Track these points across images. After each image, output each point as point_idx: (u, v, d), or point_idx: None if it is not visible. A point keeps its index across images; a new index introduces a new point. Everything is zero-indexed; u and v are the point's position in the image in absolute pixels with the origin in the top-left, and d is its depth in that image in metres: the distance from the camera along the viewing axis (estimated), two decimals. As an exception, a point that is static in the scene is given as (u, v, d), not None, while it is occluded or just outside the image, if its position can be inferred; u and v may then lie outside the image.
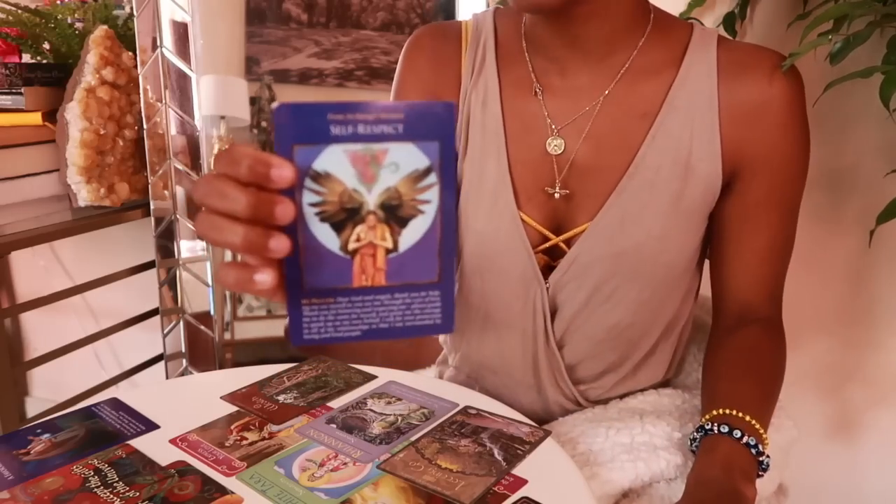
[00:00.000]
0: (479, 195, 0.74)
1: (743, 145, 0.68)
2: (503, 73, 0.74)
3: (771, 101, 0.67)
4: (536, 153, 0.72)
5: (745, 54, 0.69)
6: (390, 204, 0.42)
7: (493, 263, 0.74)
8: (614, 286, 0.71)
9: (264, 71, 1.34)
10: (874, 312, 1.26)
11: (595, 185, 0.70)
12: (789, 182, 0.71)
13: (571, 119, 0.71)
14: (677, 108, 0.68)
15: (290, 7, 1.33)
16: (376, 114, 0.41)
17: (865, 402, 1.31)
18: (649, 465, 0.67)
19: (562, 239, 0.72)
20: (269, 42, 1.33)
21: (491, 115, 0.73)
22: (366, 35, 1.35)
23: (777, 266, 0.75)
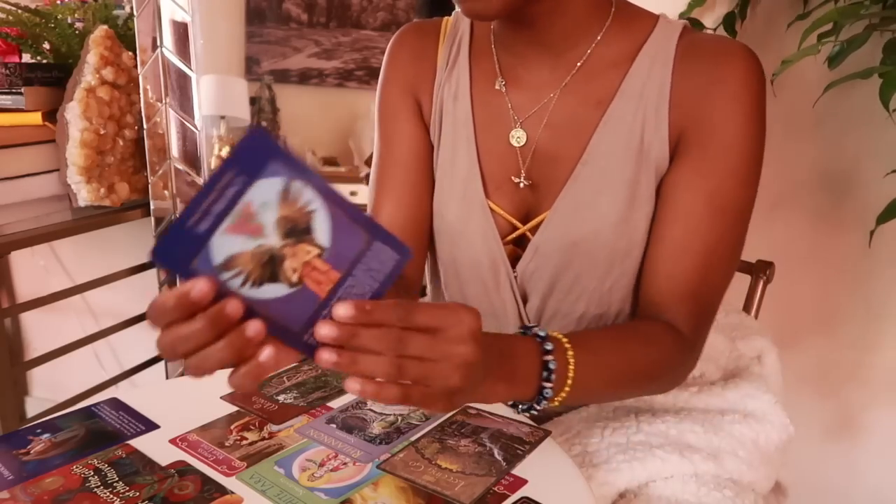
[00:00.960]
0: (452, 184, 0.76)
1: (684, 126, 0.67)
2: (474, 67, 0.76)
3: (717, 81, 0.65)
4: (502, 145, 0.74)
5: (705, 43, 0.68)
6: (289, 229, 0.46)
7: (466, 251, 0.76)
8: (574, 274, 0.71)
9: (264, 71, 1.34)
10: (874, 312, 1.26)
11: (555, 173, 0.71)
12: (726, 174, 0.66)
13: (532, 111, 0.72)
14: (630, 96, 0.68)
15: (290, 7, 1.33)
16: (217, 188, 0.44)
17: (865, 402, 1.31)
18: (645, 465, 0.67)
19: (527, 228, 0.73)
20: (269, 42, 1.33)
21: (461, 108, 0.76)
22: (366, 35, 1.35)
23: (701, 267, 0.67)
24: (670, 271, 0.67)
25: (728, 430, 0.72)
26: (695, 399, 0.76)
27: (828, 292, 1.28)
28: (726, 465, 0.69)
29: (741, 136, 0.66)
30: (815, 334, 1.31)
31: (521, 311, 0.75)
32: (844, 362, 1.30)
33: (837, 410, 1.33)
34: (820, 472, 1.34)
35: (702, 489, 0.67)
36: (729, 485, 0.69)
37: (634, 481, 0.67)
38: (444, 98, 0.77)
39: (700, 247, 0.67)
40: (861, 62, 1.01)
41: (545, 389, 0.57)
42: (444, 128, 0.77)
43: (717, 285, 0.69)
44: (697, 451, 0.69)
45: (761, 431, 0.74)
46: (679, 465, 0.68)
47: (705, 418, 0.73)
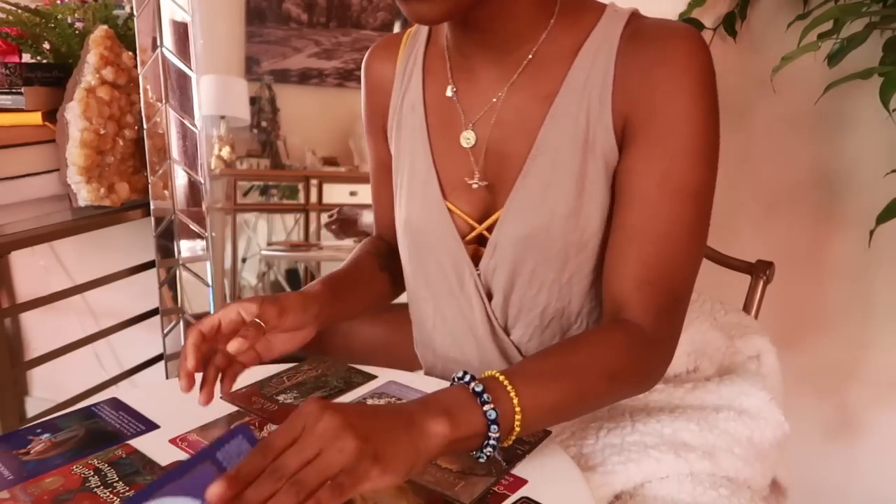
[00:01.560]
0: (412, 189, 0.79)
1: (628, 111, 0.66)
2: (428, 74, 0.78)
3: (658, 63, 0.64)
4: (456, 147, 0.75)
5: (648, 28, 0.67)
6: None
7: (429, 254, 0.78)
8: (531, 268, 0.72)
9: (264, 71, 1.34)
10: (874, 312, 1.26)
11: (507, 170, 0.72)
12: (677, 158, 0.64)
13: (482, 112, 0.73)
14: (574, 89, 0.68)
15: (290, 7, 1.33)
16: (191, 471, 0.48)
17: (865, 402, 1.31)
18: (640, 466, 0.67)
19: (484, 227, 0.75)
20: (269, 42, 1.33)
21: (417, 115, 0.78)
22: (366, 35, 1.35)
23: (655, 254, 0.64)
24: (627, 259, 0.65)
25: (723, 427, 0.72)
26: (690, 396, 0.76)
27: (828, 292, 1.28)
28: (722, 462, 0.69)
29: (687, 114, 0.64)
30: (815, 334, 1.31)
31: (488, 309, 0.76)
32: (844, 362, 1.30)
33: (837, 410, 1.33)
34: (819, 472, 1.34)
35: (697, 488, 0.66)
36: (725, 483, 0.68)
37: (630, 483, 0.67)
38: (403, 108, 0.80)
39: (655, 231, 0.64)
40: (861, 61, 1.01)
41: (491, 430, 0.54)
42: (403, 137, 0.80)
43: (680, 271, 0.65)
44: (693, 449, 0.69)
45: (755, 428, 0.74)
46: (674, 465, 0.67)
47: (700, 416, 0.73)
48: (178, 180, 1.36)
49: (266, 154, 1.37)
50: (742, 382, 0.77)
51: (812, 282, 1.29)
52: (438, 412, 0.52)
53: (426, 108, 0.78)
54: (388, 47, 0.84)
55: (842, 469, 1.35)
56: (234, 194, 1.37)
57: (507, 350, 0.77)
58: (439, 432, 0.51)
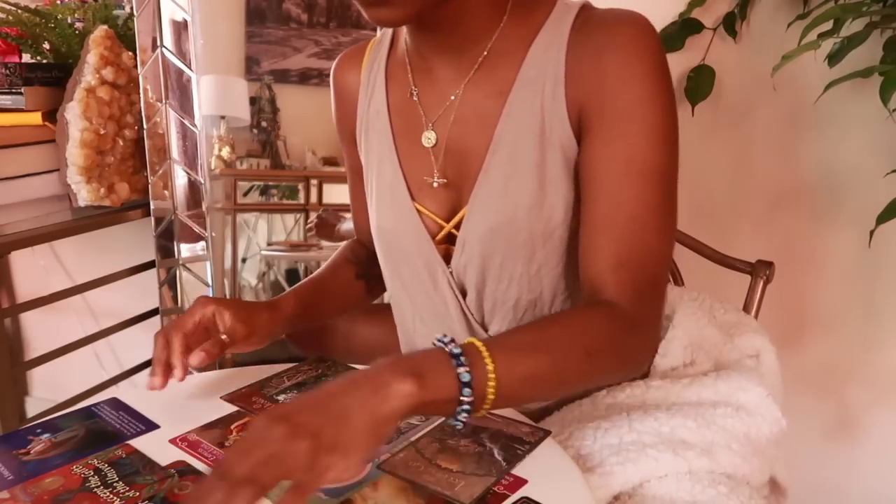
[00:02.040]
0: (381, 193, 0.80)
1: (582, 101, 0.67)
2: (391, 79, 0.80)
3: (605, 52, 0.65)
4: (419, 148, 0.77)
5: (595, 17, 0.68)
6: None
7: (403, 256, 0.80)
8: (499, 262, 0.73)
9: (264, 71, 1.34)
10: (874, 312, 1.26)
11: (468, 167, 0.74)
12: (638, 142, 0.64)
13: (441, 111, 0.75)
14: (528, 82, 0.70)
15: (290, 7, 1.33)
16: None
17: (865, 402, 1.31)
18: (638, 466, 0.66)
19: (451, 225, 0.76)
20: (269, 42, 1.33)
21: (382, 120, 0.80)
22: (366, 35, 1.35)
23: (627, 237, 0.64)
24: (598, 244, 0.65)
25: (721, 423, 0.72)
26: (686, 392, 0.76)
27: (828, 292, 1.28)
28: (720, 459, 0.69)
29: (640, 97, 0.64)
30: (815, 334, 1.31)
31: (463, 306, 0.78)
32: (844, 362, 1.30)
33: (837, 410, 1.33)
34: (820, 471, 1.34)
35: (696, 486, 0.66)
36: (723, 480, 0.68)
37: (628, 483, 0.66)
38: (369, 115, 0.82)
39: (623, 215, 0.64)
40: (861, 61, 1.01)
41: (464, 394, 0.53)
42: (371, 143, 0.82)
43: (652, 252, 0.65)
44: (691, 447, 0.69)
45: (752, 425, 0.74)
46: (673, 464, 0.67)
47: (697, 412, 0.73)
48: (178, 180, 1.36)
49: (266, 154, 1.37)
50: (739, 378, 0.77)
51: (812, 282, 1.29)
52: (407, 373, 0.51)
53: (390, 113, 0.79)
54: (352, 57, 0.86)
55: (842, 469, 1.35)
56: (234, 194, 1.37)
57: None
58: (406, 392, 0.51)
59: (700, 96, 1.23)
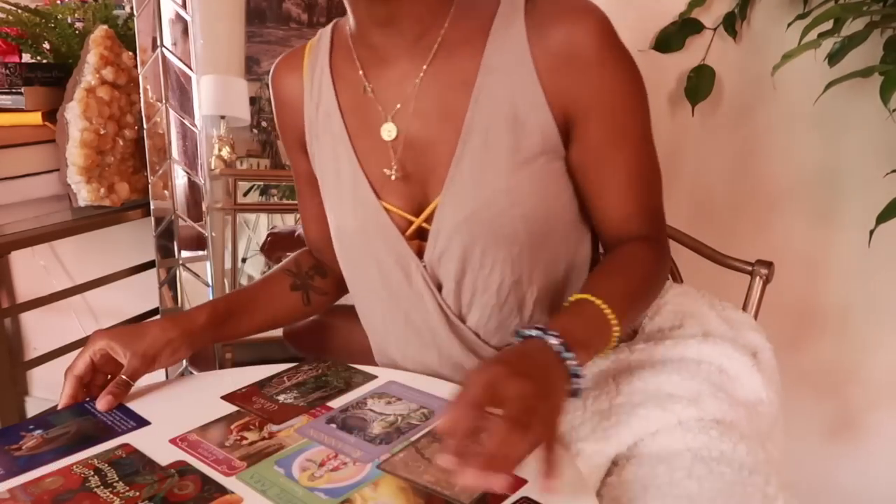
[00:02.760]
0: (341, 195, 0.80)
1: (566, 92, 0.71)
2: (338, 79, 0.80)
3: (578, 44, 0.69)
4: (377, 143, 0.76)
5: (548, 7, 0.71)
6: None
7: (370, 255, 0.79)
8: (481, 249, 0.74)
9: (264, 71, 1.33)
10: (874, 312, 1.26)
11: (435, 159, 0.74)
12: (623, 117, 0.73)
13: (399, 104, 0.75)
14: (493, 70, 0.71)
15: (290, 7, 1.33)
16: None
17: (865, 402, 1.31)
18: (630, 426, 0.68)
19: (422, 219, 0.76)
20: (269, 42, 1.33)
21: (335, 121, 0.79)
22: (366, 35, 1.35)
23: (640, 195, 0.76)
24: (612, 202, 0.76)
25: (705, 376, 0.73)
26: (670, 352, 0.77)
27: (828, 292, 1.28)
28: (707, 407, 0.70)
29: (621, 78, 0.72)
30: (815, 334, 1.31)
31: (439, 299, 0.77)
32: (844, 362, 1.30)
33: (838, 410, 1.33)
34: (820, 472, 1.34)
35: (687, 435, 0.67)
36: (713, 425, 0.69)
37: (623, 445, 0.68)
38: (319, 118, 0.81)
39: (641, 176, 0.76)
40: (861, 61, 1.01)
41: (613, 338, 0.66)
42: (323, 145, 0.81)
43: (653, 192, 0.78)
44: (678, 400, 0.69)
45: (730, 387, 0.74)
46: (662, 418, 0.68)
47: (681, 366, 0.74)
48: (178, 180, 1.36)
49: (266, 154, 1.37)
50: (725, 345, 0.77)
51: (812, 282, 1.29)
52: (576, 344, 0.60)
53: (342, 113, 0.79)
54: (290, 62, 0.85)
55: (842, 469, 1.35)
56: (234, 194, 1.37)
57: (466, 337, 0.78)
58: (582, 360, 0.61)
59: (700, 96, 1.23)
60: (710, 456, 0.66)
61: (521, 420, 0.51)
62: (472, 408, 0.51)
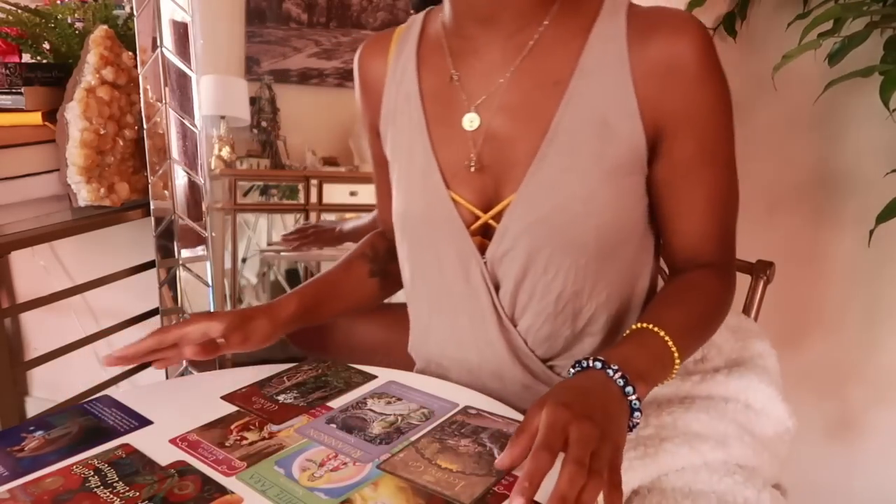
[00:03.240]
0: (411, 181, 0.78)
1: (660, 104, 0.69)
2: (424, 65, 0.79)
3: (679, 57, 0.68)
4: (456, 132, 0.75)
5: (652, 17, 0.70)
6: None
7: (431, 246, 0.78)
8: (548, 254, 0.72)
9: (264, 71, 1.34)
10: (874, 312, 1.26)
11: (515, 155, 0.73)
12: (714, 135, 0.72)
13: (485, 96, 0.74)
14: (588, 73, 0.70)
15: (290, 7, 1.33)
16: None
17: (865, 402, 1.31)
18: (657, 461, 0.68)
19: (491, 215, 0.74)
20: (269, 42, 1.33)
21: (414, 106, 0.78)
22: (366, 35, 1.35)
23: (719, 217, 0.75)
24: (707, 227, 0.75)
25: (732, 417, 0.74)
26: (697, 388, 0.77)
27: (828, 292, 1.28)
28: (734, 451, 0.71)
29: (717, 96, 0.71)
30: (815, 334, 1.31)
31: (494, 299, 0.76)
32: (844, 362, 1.30)
33: (837, 410, 1.33)
34: (820, 472, 1.34)
35: (713, 477, 0.68)
36: (737, 470, 0.70)
37: (647, 477, 0.68)
38: (398, 101, 0.80)
39: (720, 200, 0.75)
40: (861, 61, 1.01)
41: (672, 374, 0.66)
42: (399, 129, 0.80)
43: (729, 222, 0.77)
44: (705, 440, 0.70)
45: (756, 423, 0.75)
46: (689, 457, 0.69)
47: (710, 405, 0.74)
48: (178, 180, 1.36)
49: (266, 154, 1.37)
50: (752, 377, 0.78)
51: (812, 282, 1.29)
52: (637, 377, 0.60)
53: (423, 98, 0.78)
54: (377, 45, 0.84)
55: (842, 469, 1.35)
56: (234, 194, 1.37)
57: (513, 342, 0.77)
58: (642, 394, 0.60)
59: (700, 96, 1.22)
60: (735, 501, 0.66)
61: (585, 463, 0.50)
62: (544, 449, 0.51)
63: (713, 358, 0.82)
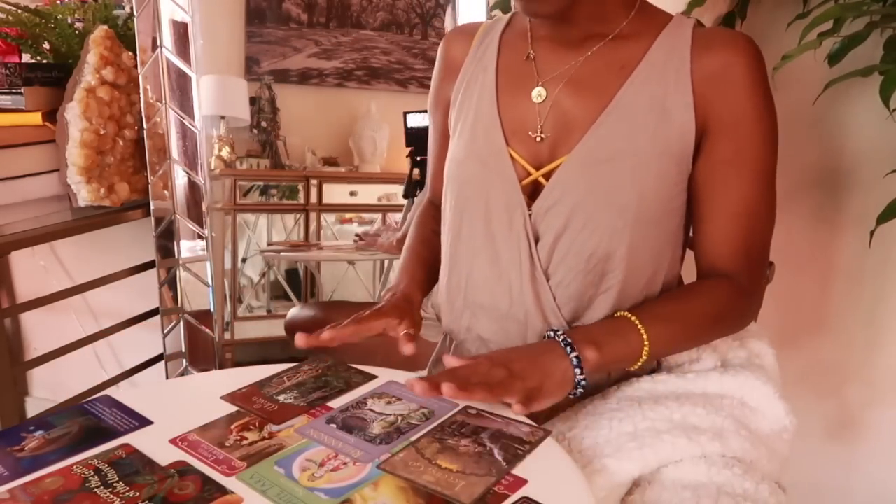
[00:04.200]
0: (474, 130, 0.84)
1: (711, 104, 0.76)
2: (504, 47, 0.86)
3: (733, 66, 0.75)
4: (524, 102, 0.82)
5: (715, 34, 0.79)
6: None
7: (482, 193, 0.82)
8: (590, 211, 0.76)
9: (264, 71, 1.34)
10: (874, 312, 1.26)
11: (574, 123, 0.79)
12: (754, 144, 0.77)
13: (556, 73, 0.81)
14: (655, 63, 0.77)
15: (290, 7, 1.33)
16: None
17: (864, 401, 1.31)
18: (656, 451, 0.69)
19: (542, 172, 0.80)
20: (269, 42, 1.33)
21: (488, 75, 0.85)
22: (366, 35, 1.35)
23: (748, 227, 0.78)
24: (718, 229, 0.79)
25: (728, 411, 0.75)
26: (692, 385, 0.78)
27: (828, 292, 1.28)
28: (731, 444, 0.72)
29: (763, 107, 0.76)
30: (815, 334, 1.31)
31: (533, 251, 0.79)
32: (844, 362, 1.30)
33: (837, 410, 1.33)
34: (820, 471, 1.34)
35: (712, 469, 0.70)
36: (735, 463, 0.71)
37: (647, 468, 0.69)
38: (474, 72, 0.86)
39: (742, 206, 0.78)
40: (861, 61, 1.01)
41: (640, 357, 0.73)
42: (469, 93, 0.86)
43: (762, 236, 0.80)
44: (703, 432, 0.71)
45: (753, 420, 0.76)
46: (687, 448, 0.70)
47: (705, 400, 0.76)
48: (178, 180, 1.36)
49: (266, 154, 1.37)
50: (747, 375, 0.79)
51: (812, 282, 1.29)
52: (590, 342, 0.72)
53: (498, 71, 0.84)
54: (466, 31, 0.92)
55: (842, 469, 1.35)
56: (234, 194, 1.37)
57: (543, 295, 0.80)
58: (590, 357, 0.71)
59: (700, 96, 1.22)
60: (734, 492, 0.68)
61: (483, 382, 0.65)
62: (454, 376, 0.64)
63: (709, 357, 0.83)
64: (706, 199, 0.79)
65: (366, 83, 1.36)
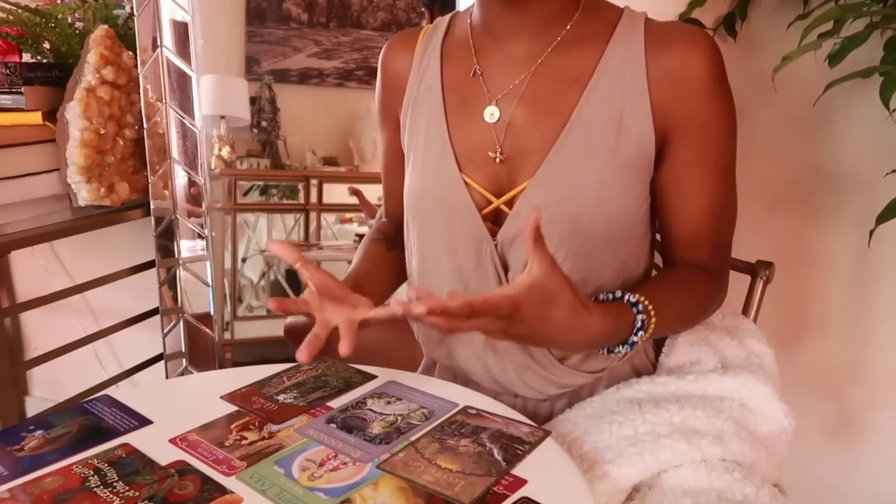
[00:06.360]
0: (426, 161, 0.81)
1: (670, 108, 0.74)
2: (447, 59, 0.83)
3: (691, 68, 0.73)
4: (475, 122, 0.79)
5: (669, 29, 0.76)
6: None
7: (443, 227, 0.80)
8: (558, 239, 0.74)
9: (264, 71, 1.34)
10: (874, 313, 1.26)
11: (532, 145, 0.76)
12: (716, 145, 0.76)
13: (507, 89, 0.77)
14: (609, 73, 0.74)
15: (290, 7, 1.33)
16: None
17: (864, 402, 1.31)
18: (656, 456, 0.69)
19: (503, 200, 0.77)
20: (269, 42, 1.33)
21: (434, 95, 0.81)
22: (366, 35, 1.35)
23: (715, 225, 0.79)
24: (702, 233, 0.79)
25: (728, 413, 0.74)
26: (692, 387, 0.78)
27: (828, 292, 1.28)
28: (731, 447, 0.71)
29: (722, 107, 0.75)
30: (815, 334, 1.31)
31: (503, 281, 0.77)
32: (844, 363, 1.30)
33: (837, 410, 1.33)
34: (820, 472, 1.34)
35: (712, 474, 0.69)
36: (735, 467, 0.71)
37: (648, 473, 0.69)
38: (420, 92, 0.83)
39: (707, 204, 0.78)
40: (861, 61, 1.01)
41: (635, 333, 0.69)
42: (418, 117, 0.83)
43: (727, 229, 0.82)
44: (703, 435, 0.71)
45: (752, 421, 0.76)
46: (687, 453, 0.70)
47: (705, 403, 0.75)
48: (178, 180, 1.36)
49: (266, 154, 1.37)
50: (747, 376, 0.78)
51: (812, 282, 1.29)
52: (601, 314, 0.66)
53: (444, 89, 0.81)
54: (404, 41, 0.88)
55: (842, 469, 1.35)
56: (234, 194, 1.37)
57: None
58: (597, 329, 0.65)
59: (700, 96, 1.22)
60: (734, 498, 0.67)
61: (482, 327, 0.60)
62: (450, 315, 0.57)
63: (709, 358, 0.83)
64: (672, 201, 0.78)
65: (366, 83, 1.36)
